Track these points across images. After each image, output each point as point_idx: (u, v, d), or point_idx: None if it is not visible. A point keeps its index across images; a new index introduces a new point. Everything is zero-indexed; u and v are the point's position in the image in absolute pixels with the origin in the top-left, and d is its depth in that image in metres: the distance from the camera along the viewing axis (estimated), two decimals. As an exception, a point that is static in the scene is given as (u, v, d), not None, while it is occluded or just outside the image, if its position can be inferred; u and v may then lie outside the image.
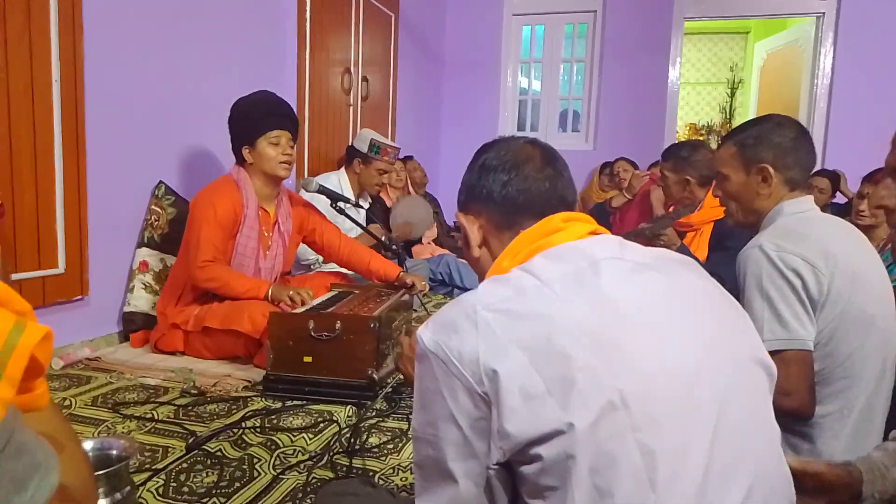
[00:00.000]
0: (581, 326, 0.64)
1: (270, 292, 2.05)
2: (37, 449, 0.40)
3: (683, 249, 2.18)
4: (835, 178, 3.73)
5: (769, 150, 1.31)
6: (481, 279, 0.84)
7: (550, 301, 0.66)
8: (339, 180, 3.05)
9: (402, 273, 2.35)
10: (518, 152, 0.83)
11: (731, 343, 0.71)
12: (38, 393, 0.44)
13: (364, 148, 3.03)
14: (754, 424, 0.69)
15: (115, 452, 1.07)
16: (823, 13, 4.62)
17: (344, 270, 2.62)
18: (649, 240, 2.20)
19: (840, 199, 3.82)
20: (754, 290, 1.18)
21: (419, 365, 0.69)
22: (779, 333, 1.14)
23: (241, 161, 2.21)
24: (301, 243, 2.44)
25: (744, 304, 1.21)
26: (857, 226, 2.45)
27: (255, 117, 2.17)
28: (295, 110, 3.10)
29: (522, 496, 0.65)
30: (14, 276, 1.84)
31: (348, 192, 3.02)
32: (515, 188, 0.81)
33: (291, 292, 2.01)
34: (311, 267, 2.83)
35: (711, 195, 1.73)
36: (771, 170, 1.31)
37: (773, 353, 1.13)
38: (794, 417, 1.18)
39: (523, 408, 0.60)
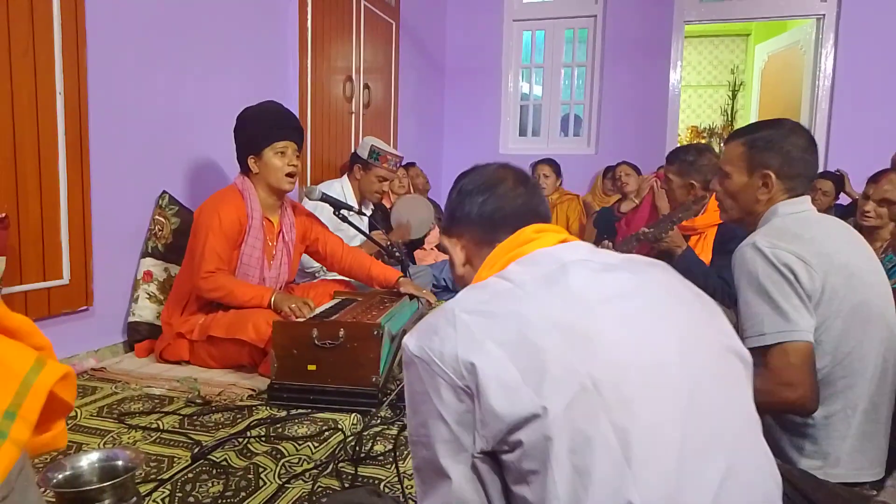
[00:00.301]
0: (550, 319, 0.69)
1: (273, 300, 2.05)
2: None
3: (689, 252, 2.17)
4: (838, 180, 3.72)
5: (777, 156, 1.31)
6: None
7: (521, 299, 0.72)
8: (341, 188, 3.05)
9: (401, 279, 2.34)
10: (491, 175, 0.91)
11: (701, 332, 0.75)
12: (55, 433, 0.43)
13: (364, 154, 3.03)
14: (729, 407, 0.71)
15: (121, 463, 1.07)
16: (824, 15, 4.62)
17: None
18: (653, 243, 2.19)
19: (844, 200, 3.80)
20: (751, 287, 1.19)
21: (407, 372, 0.73)
22: (779, 326, 1.14)
23: (245, 171, 2.22)
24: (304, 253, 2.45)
25: (740, 302, 1.21)
26: (862, 227, 2.45)
27: (262, 127, 2.17)
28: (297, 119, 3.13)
29: (511, 487, 0.68)
30: (19, 288, 1.85)
31: (351, 200, 3.03)
32: (491, 206, 0.88)
33: (293, 304, 2.01)
34: (316, 275, 2.83)
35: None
36: (774, 177, 1.31)
37: (775, 346, 1.14)
38: (799, 412, 1.17)
39: (502, 396, 0.65)
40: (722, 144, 1.49)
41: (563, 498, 0.62)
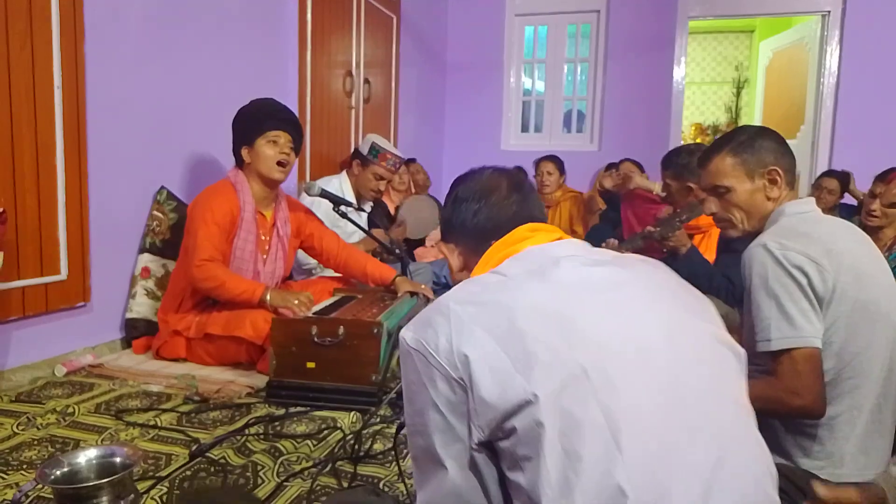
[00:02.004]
0: (539, 308, 0.71)
1: (269, 296, 2.02)
2: None
3: (694, 251, 2.16)
4: (844, 179, 3.69)
5: (769, 153, 1.32)
6: None
7: (511, 290, 0.74)
8: (339, 183, 3.03)
9: (398, 279, 2.33)
10: (485, 184, 0.92)
11: (690, 322, 0.76)
12: None
13: (365, 150, 3.02)
14: (719, 396, 0.72)
15: (118, 460, 1.07)
16: (829, 11, 4.58)
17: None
18: (658, 242, 2.17)
19: (849, 200, 3.78)
20: (761, 289, 1.18)
21: (403, 362, 0.76)
22: (786, 332, 1.13)
23: (240, 163, 2.21)
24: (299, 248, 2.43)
25: (751, 304, 1.19)
26: (867, 226, 2.43)
27: (256, 118, 2.17)
28: (297, 113, 3.10)
29: (507, 474, 0.69)
30: (16, 283, 1.84)
31: (349, 196, 3.00)
32: (485, 216, 0.90)
33: (297, 300, 1.99)
34: (313, 272, 2.82)
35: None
36: (780, 171, 1.30)
37: (782, 353, 1.13)
38: (806, 417, 1.16)
39: (494, 385, 0.66)
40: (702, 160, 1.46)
41: (554, 482, 0.63)
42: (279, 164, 2.16)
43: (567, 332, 0.69)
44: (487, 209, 0.90)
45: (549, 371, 0.65)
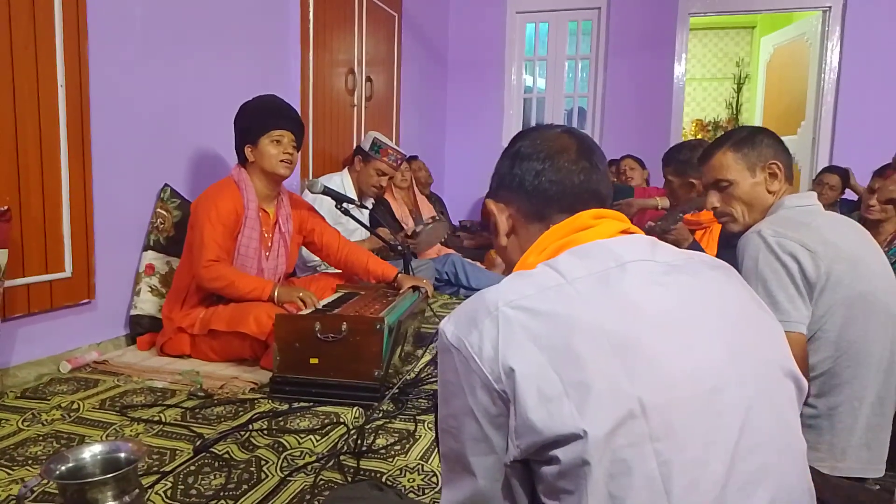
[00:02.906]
0: (602, 329, 0.63)
1: (277, 293, 2.04)
2: None
3: (695, 246, 2.16)
4: (845, 174, 3.70)
5: (768, 148, 1.35)
6: (508, 267, 0.84)
7: (572, 300, 0.65)
8: (341, 181, 3.04)
9: (399, 276, 2.34)
10: (553, 142, 0.81)
11: (759, 351, 0.70)
12: None
13: (367, 146, 3.02)
14: (780, 437, 0.67)
15: (123, 455, 1.07)
16: (830, 7, 4.58)
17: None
18: (659, 236, 2.18)
19: (850, 195, 3.78)
20: (751, 273, 1.20)
21: (441, 357, 0.69)
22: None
23: (243, 161, 2.22)
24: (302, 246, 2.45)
25: None
26: (867, 220, 2.44)
27: (259, 116, 2.18)
28: (299, 111, 3.10)
29: (539, 494, 0.64)
30: (21, 281, 1.85)
31: (351, 193, 3.01)
32: (548, 179, 0.79)
33: (301, 294, 2.01)
34: (316, 269, 2.82)
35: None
36: (780, 164, 1.33)
37: None
38: None
39: (540, 408, 0.60)
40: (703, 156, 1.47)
41: None
42: (283, 161, 2.18)
43: (630, 361, 0.61)
44: (553, 172, 0.79)
45: (603, 405, 0.59)
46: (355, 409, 1.71)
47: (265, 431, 1.55)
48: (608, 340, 0.62)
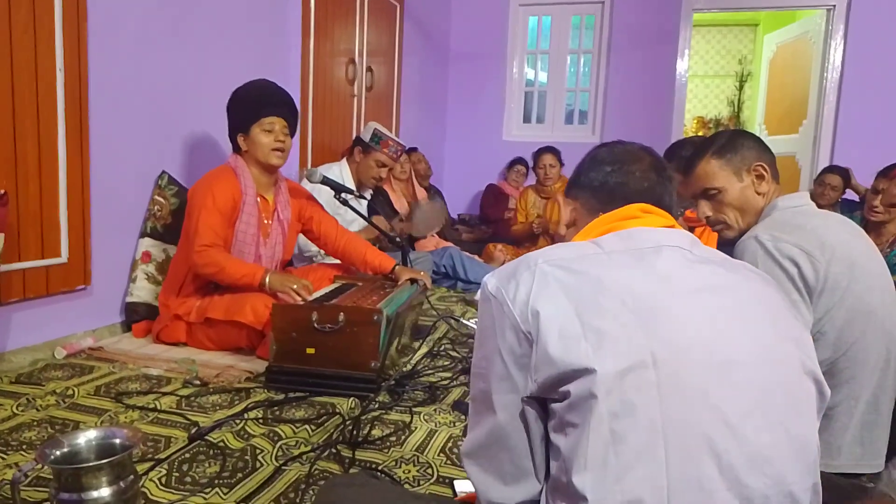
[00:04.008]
0: (628, 288, 0.69)
1: (268, 279, 2.01)
2: None
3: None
4: (845, 175, 3.69)
5: (750, 150, 1.34)
6: None
7: (605, 265, 0.72)
8: (340, 171, 3.03)
9: (397, 268, 2.33)
10: (629, 152, 0.90)
11: (783, 347, 0.72)
12: None
13: (367, 137, 3.01)
14: (793, 427, 0.67)
15: (118, 441, 1.07)
16: (834, 5, 4.56)
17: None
18: None
19: (851, 195, 3.78)
20: None
21: (481, 307, 0.76)
22: None
23: (237, 150, 2.20)
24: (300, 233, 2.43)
25: None
26: (870, 221, 2.43)
27: (249, 105, 2.15)
28: (299, 101, 3.09)
29: (550, 433, 0.69)
30: (17, 266, 1.84)
31: (349, 183, 3.00)
32: (615, 179, 0.87)
33: (294, 286, 1.99)
34: (314, 259, 2.82)
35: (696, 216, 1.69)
36: (766, 166, 1.33)
37: None
38: None
39: (559, 344, 0.66)
40: (683, 174, 1.47)
41: (591, 456, 0.62)
42: (275, 150, 2.15)
43: (649, 323, 0.66)
44: (621, 175, 0.87)
45: (617, 350, 0.64)
46: (351, 399, 1.70)
47: (261, 421, 1.55)
48: (633, 300, 0.68)
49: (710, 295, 0.71)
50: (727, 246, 2.18)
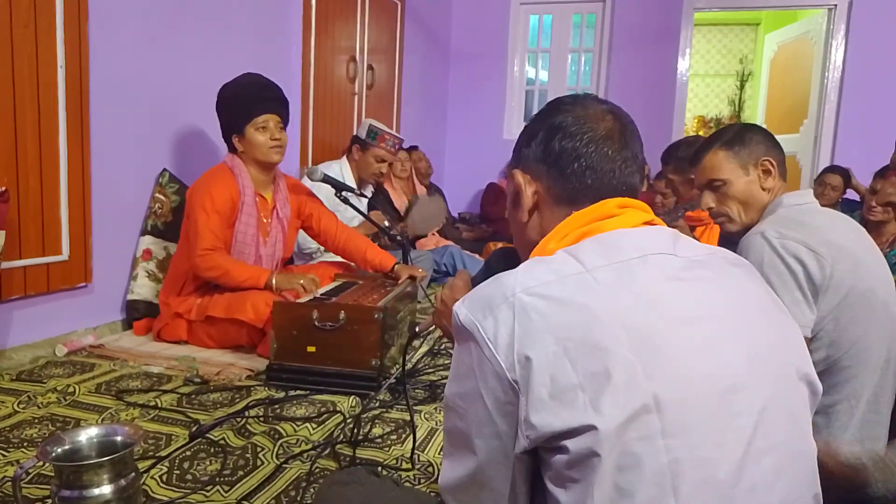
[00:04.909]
0: (621, 321, 0.62)
1: (274, 281, 2.03)
2: None
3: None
4: (846, 175, 3.69)
5: (759, 144, 1.33)
6: (523, 248, 0.82)
7: (591, 291, 0.64)
8: (340, 169, 3.03)
9: (397, 265, 2.33)
10: (598, 123, 0.77)
11: (777, 353, 0.69)
12: None
13: (363, 134, 3.01)
14: (793, 441, 0.67)
15: (119, 439, 1.07)
16: (835, 5, 4.55)
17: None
18: None
19: (852, 195, 3.78)
20: None
21: (456, 337, 0.68)
22: None
23: (232, 150, 2.19)
24: (300, 230, 2.43)
25: None
26: (870, 221, 2.44)
27: (239, 104, 2.13)
28: (300, 98, 3.09)
29: (546, 481, 0.64)
30: (18, 263, 1.84)
31: (349, 181, 3.00)
32: (588, 166, 0.75)
33: (302, 280, 1.99)
34: (313, 256, 2.82)
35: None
36: (773, 161, 1.32)
37: None
38: None
39: (552, 400, 0.59)
40: (689, 165, 1.46)
41: None
42: (273, 147, 2.14)
43: (647, 356, 0.61)
44: (595, 159, 0.75)
45: (618, 398, 0.58)
46: (352, 398, 1.71)
47: (261, 419, 1.55)
48: (627, 334, 0.61)
49: (703, 308, 0.67)
50: (730, 244, 2.18)
